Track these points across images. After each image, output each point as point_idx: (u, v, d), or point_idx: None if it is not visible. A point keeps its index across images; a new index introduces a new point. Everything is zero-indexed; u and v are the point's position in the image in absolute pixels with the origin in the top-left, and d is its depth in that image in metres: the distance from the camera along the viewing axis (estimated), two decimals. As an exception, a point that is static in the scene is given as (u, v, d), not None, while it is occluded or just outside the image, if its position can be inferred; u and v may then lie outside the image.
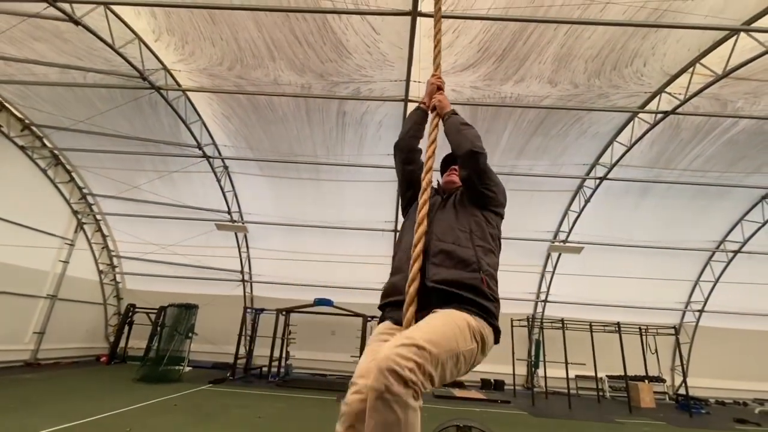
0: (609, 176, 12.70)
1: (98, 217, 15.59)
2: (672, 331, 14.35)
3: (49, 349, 13.79)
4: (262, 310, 15.08)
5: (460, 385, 14.97)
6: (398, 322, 1.73)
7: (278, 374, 14.13)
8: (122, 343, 15.91)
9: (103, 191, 14.65)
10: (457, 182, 2.21)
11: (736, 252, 15.01)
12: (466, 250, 1.82)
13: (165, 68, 10.24)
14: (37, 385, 10.06)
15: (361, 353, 12.35)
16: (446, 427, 4.38)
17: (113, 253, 16.55)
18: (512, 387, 14.33)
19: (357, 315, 14.38)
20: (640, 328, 14.42)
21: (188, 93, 11.10)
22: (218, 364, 15.34)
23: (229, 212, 14.59)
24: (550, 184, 13.55)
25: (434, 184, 2.19)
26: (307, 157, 13.05)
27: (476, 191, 2.06)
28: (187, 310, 13.07)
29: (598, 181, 12.92)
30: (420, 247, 1.73)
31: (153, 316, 14.98)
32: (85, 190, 14.78)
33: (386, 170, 12.76)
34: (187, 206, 14.45)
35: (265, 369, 14.31)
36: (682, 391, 14.24)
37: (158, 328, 13.68)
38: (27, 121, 12.33)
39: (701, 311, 16.55)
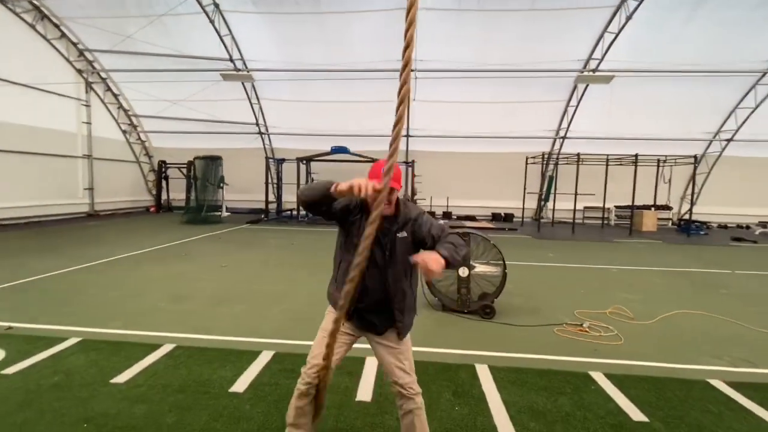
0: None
1: (103, 75, 15.20)
2: (692, 160, 14.20)
3: (103, 202, 15.53)
4: (283, 160, 15.74)
5: (472, 218, 16.31)
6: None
7: (306, 215, 15.69)
8: (164, 196, 17.64)
9: (96, 45, 13.87)
10: (391, 212, 2.04)
11: (789, 72, 13.44)
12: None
13: None
14: (102, 229, 11.74)
15: None
16: (446, 236, 5.05)
17: (130, 113, 16.73)
18: (521, 219, 15.49)
19: (373, 161, 14.82)
20: (658, 160, 14.33)
21: None
22: (253, 210, 17.06)
23: (231, 59, 13.79)
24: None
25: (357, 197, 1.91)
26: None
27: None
28: (213, 161, 13.83)
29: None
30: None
31: (184, 171, 16.09)
32: (79, 46, 14.03)
33: (394, -6, 11.15)
34: (187, 56, 13.68)
35: (294, 212, 15.85)
36: (687, 218, 14.99)
37: (191, 180, 14.86)
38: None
39: (729, 140, 15.98)
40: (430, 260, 1.72)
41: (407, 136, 16.49)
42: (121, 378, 3.06)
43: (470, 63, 13.48)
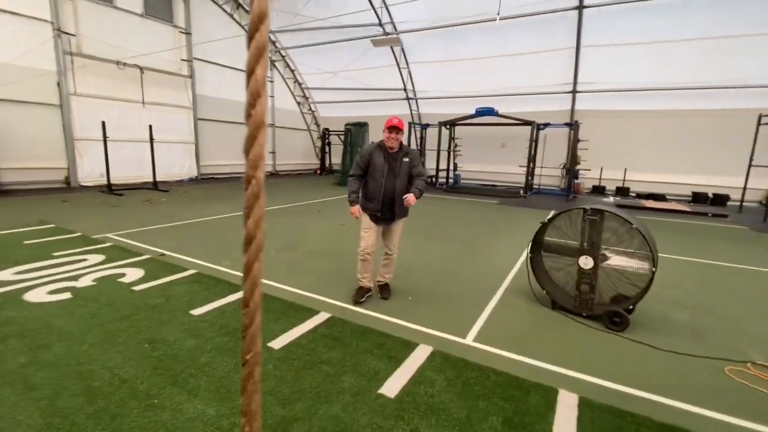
0: None
1: (282, 53, 17.67)
2: None
3: (282, 164, 18.59)
4: (427, 125, 15.38)
5: (660, 197, 12.61)
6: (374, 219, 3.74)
7: (446, 183, 15.13)
8: (327, 161, 19.89)
9: (276, 27, 16.07)
10: (396, 147, 3.64)
11: None
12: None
13: None
14: (274, 186, 14.04)
15: (529, 162, 11.42)
16: (570, 210, 3.74)
17: (303, 86, 19.15)
18: (738, 203, 11.09)
19: (525, 123, 12.94)
20: None
21: None
22: (398, 176, 17.52)
23: (380, 24, 13.91)
24: None
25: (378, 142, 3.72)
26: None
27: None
28: (360, 127, 14.61)
29: None
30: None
31: (342, 138, 17.62)
32: (266, 29, 16.58)
33: None
34: (343, 26, 14.46)
35: (433, 179, 15.50)
36: None
37: (346, 146, 16.16)
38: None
39: None
40: (411, 199, 3.51)
41: (573, 92, 13.68)
42: (198, 311, 3.39)
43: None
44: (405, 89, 16.47)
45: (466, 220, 8.42)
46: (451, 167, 15.20)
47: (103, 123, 10.23)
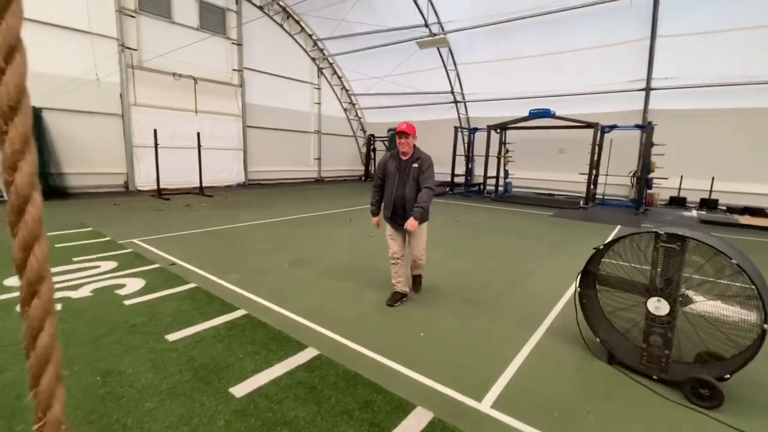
0: None
1: (330, 60, 17.73)
2: None
3: (327, 170, 18.61)
4: (476, 129, 14.42)
5: (758, 211, 10.49)
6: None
7: (496, 191, 14.01)
8: (372, 167, 19.61)
9: (324, 34, 16.12)
10: (409, 153, 3.66)
11: None
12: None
13: None
14: (316, 192, 13.94)
15: (591, 169, 10.09)
16: (636, 235, 2.82)
17: (350, 92, 19.08)
18: None
19: (587, 125, 11.51)
20: None
21: None
22: (442, 183, 16.67)
23: (426, 25, 13.30)
24: None
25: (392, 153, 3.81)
26: None
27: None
28: (403, 132, 14.04)
29: None
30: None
31: (386, 143, 17.23)
32: (313, 37, 16.73)
33: None
34: (389, 29, 14.05)
35: (481, 187, 14.46)
36: None
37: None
38: (255, -20, 14.18)
39: None
40: (410, 226, 3.49)
41: (646, 89, 11.99)
42: (174, 336, 3.00)
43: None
44: (452, 92, 15.66)
45: (510, 233, 7.45)
46: (501, 174, 14.07)
47: (155, 131, 10.73)
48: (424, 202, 3.48)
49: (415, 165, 3.60)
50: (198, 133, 11.85)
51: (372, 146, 18.94)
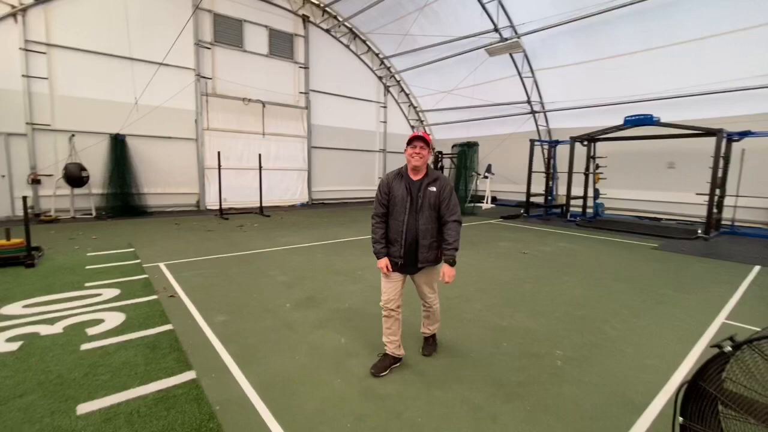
0: None
1: (397, 78, 17.30)
2: None
3: (392, 189, 17.98)
4: (557, 142, 12.50)
5: None
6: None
7: (583, 214, 11.81)
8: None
9: (389, 52, 15.76)
10: (422, 169, 2.77)
11: None
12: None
13: None
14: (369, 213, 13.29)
15: (713, 188, 7.87)
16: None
17: (417, 109, 18.37)
18: None
19: (706, 133, 9.01)
20: None
21: None
22: (522, 203, 14.83)
23: (496, 29, 12.00)
24: None
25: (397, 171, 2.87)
26: None
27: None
28: (469, 148, 12.78)
29: None
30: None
31: (454, 160, 16.01)
32: (380, 55, 16.49)
33: None
34: (455, 38, 13.07)
35: (564, 208, 12.34)
36: None
37: (458, 169, 14.51)
38: (322, 4, 14.40)
39: None
40: (447, 276, 2.76)
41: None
42: (89, 407, 2.36)
43: None
44: (529, 101, 13.93)
45: (594, 271, 5.75)
46: (590, 194, 11.86)
47: (218, 153, 11.20)
48: (456, 241, 2.75)
49: (432, 188, 2.74)
50: (260, 155, 12.15)
51: (440, 163, 17.84)
